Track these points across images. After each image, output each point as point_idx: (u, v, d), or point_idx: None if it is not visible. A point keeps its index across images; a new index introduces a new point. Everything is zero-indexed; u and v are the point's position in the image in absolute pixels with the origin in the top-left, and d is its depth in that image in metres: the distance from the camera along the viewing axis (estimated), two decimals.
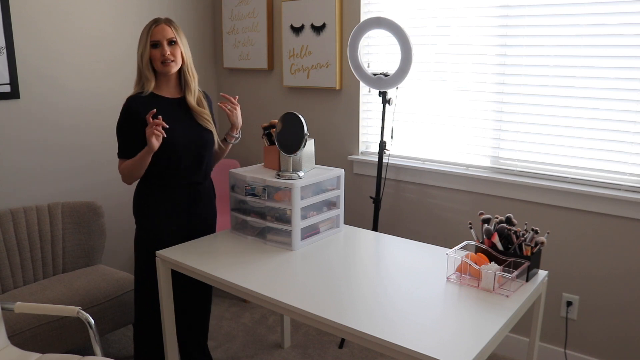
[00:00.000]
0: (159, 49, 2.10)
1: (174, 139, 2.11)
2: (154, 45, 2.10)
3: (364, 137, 3.17)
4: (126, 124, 2.12)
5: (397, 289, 1.79)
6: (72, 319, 2.37)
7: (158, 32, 2.09)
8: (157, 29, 2.10)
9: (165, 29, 2.10)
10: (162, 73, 2.15)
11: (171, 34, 2.11)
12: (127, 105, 2.12)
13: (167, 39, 2.10)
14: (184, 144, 2.14)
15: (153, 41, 2.09)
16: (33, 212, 2.68)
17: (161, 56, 2.09)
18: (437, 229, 2.89)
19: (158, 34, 2.09)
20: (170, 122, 2.11)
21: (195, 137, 2.18)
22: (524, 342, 2.67)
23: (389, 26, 2.53)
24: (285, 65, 3.35)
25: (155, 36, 2.09)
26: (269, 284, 1.83)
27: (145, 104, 2.11)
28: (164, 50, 2.09)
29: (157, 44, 2.10)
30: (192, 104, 2.20)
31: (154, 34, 2.09)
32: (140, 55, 2.12)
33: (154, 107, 2.10)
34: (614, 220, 2.36)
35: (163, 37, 2.09)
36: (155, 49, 2.10)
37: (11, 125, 2.74)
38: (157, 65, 2.12)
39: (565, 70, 2.40)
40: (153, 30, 2.10)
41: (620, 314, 2.40)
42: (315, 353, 2.74)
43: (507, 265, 1.82)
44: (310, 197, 2.20)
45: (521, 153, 2.60)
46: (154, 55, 2.11)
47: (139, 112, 2.09)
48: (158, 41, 2.09)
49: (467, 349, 1.42)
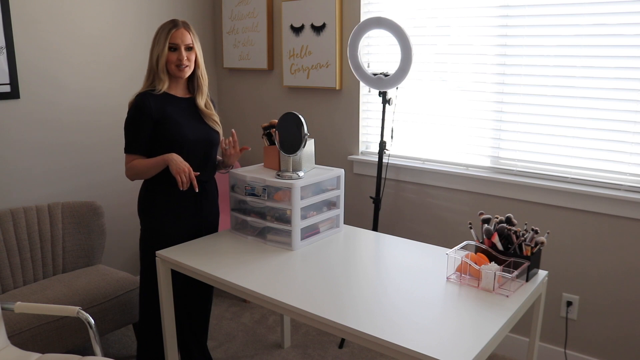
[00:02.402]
0: (176, 53, 2.11)
1: (183, 135, 2.13)
2: (172, 49, 2.11)
3: (364, 137, 3.17)
4: (137, 120, 2.11)
5: (397, 289, 1.79)
6: (72, 319, 2.37)
7: (178, 37, 2.10)
8: (177, 33, 2.11)
9: (185, 34, 2.12)
10: (174, 75, 2.16)
11: (189, 40, 2.13)
12: (139, 101, 2.11)
13: (186, 44, 2.12)
14: (193, 141, 2.16)
15: (172, 44, 2.10)
16: (33, 212, 2.68)
17: (177, 60, 2.11)
18: (437, 229, 2.89)
19: (177, 39, 2.10)
20: (181, 119, 2.14)
21: (203, 136, 2.21)
22: (524, 342, 2.67)
23: (389, 26, 2.53)
24: (285, 65, 3.35)
25: (175, 40, 2.10)
26: (269, 284, 1.83)
27: (157, 101, 2.12)
28: (182, 56, 2.11)
29: (175, 48, 2.11)
30: (201, 106, 2.23)
31: (173, 37, 2.10)
32: (157, 57, 2.12)
33: (166, 104, 2.13)
34: (614, 220, 2.36)
35: (182, 42, 2.11)
36: (172, 52, 2.11)
37: (11, 125, 2.74)
38: (172, 68, 2.13)
39: (565, 70, 2.40)
40: (173, 33, 2.10)
41: (621, 313, 2.40)
42: (315, 353, 2.74)
43: (507, 265, 1.82)
44: (310, 197, 2.20)
45: (521, 153, 2.60)
46: (170, 58, 2.12)
47: (151, 108, 2.10)
48: (177, 45, 2.10)
49: (467, 349, 1.42)
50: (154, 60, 2.13)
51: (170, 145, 2.12)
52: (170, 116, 2.13)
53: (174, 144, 2.12)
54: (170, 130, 2.12)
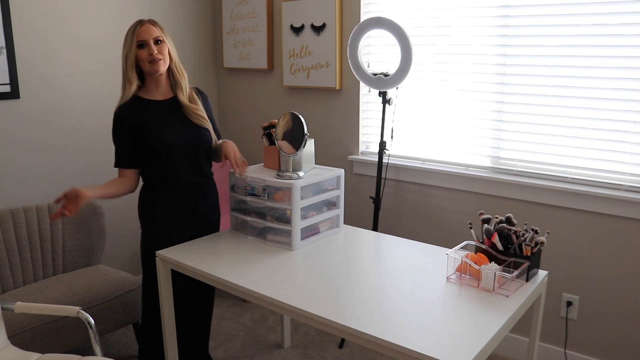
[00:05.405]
0: (145, 49, 2.07)
1: (166, 141, 2.10)
2: (140, 46, 2.07)
3: (364, 137, 3.17)
4: (118, 134, 2.13)
5: (397, 289, 1.79)
6: (72, 319, 2.37)
7: (144, 32, 2.06)
8: (142, 28, 2.07)
9: (151, 28, 2.08)
10: (150, 73, 2.12)
11: (157, 33, 2.09)
12: (116, 116, 2.12)
13: (154, 37, 2.07)
14: (178, 146, 2.13)
15: (139, 41, 2.06)
16: (33, 212, 2.68)
17: (149, 55, 2.06)
18: (437, 229, 2.89)
19: (144, 34, 2.06)
20: (161, 124, 2.11)
21: (189, 137, 2.17)
22: (524, 342, 2.67)
23: (389, 26, 2.53)
24: (285, 65, 3.35)
25: (142, 36, 2.06)
26: (269, 284, 1.83)
27: (133, 110, 2.10)
28: (152, 49, 2.06)
29: (144, 44, 2.06)
30: (184, 101, 2.18)
31: (139, 34, 2.06)
32: (125, 57, 2.08)
33: (141, 111, 2.10)
34: (614, 220, 2.36)
35: (149, 35, 2.06)
36: (141, 50, 2.07)
37: (11, 125, 2.74)
38: (145, 66, 2.09)
39: (565, 70, 2.40)
40: (138, 30, 2.07)
41: (621, 314, 2.40)
42: (315, 353, 2.74)
43: (507, 265, 1.82)
44: (310, 197, 2.20)
45: (521, 153, 2.60)
46: (141, 55, 2.07)
47: (127, 118, 2.09)
48: (144, 40, 2.06)
49: (467, 349, 1.42)
50: (124, 61, 2.09)
51: (154, 154, 2.09)
52: (148, 124, 2.10)
53: (158, 152, 2.10)
54: (150, 138, 2.10)
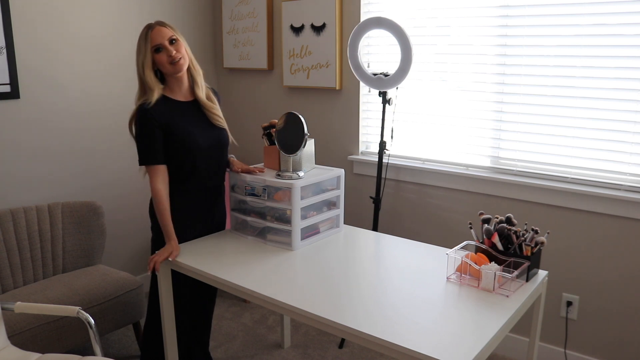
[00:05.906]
0: (163, 52, 2.03)
1: (194, 143, 2.09)
2: (157, 50, 2.03)
3: (364, 137, 3.17)
4: (148, 129, 2.04)
5: (397, 289, 1.79)
6: (72, 319, 2.37)
7: (157, 35, 2.02)
8: (154, 32, 2.03)
9: (162, 30, 2.04)
10: (173, 75, 2.08)
11: (170, 33, 2.05)
12: (143, 112, 2.03)
13: (168, 38, 2.03)
14: (205, 148, 2.13)
15: (155, 46, 2.02)
16: (33, 212, 2.68)
17: (168, 57, 2.03)
18: (437, 229, 2.89)
19: (157, 37, 2.02)
20: (188, 125, 2.09)
21: (214, 140, 2.17)
22: (524, 342, 2.67)
23: (389, 26, 2.53)
24: (285, 65, 3.35)
25: (156, 40, 2.02)
26: (269, 284, 1.83)
27: (160, 110, 2.05)
28: (170, 51, 2.02)
29: (160, 47, 2.02)
30: (202, 99, 2.16)
31: (153, 39, 2.02)
32: (141, 64, 2.03)
33: (170, 112, 2.07)
34: (614, 220, 2.36)
35: (163, 38, 2.03)
36: (159, 54, 2.03)
37: (11, 125, 2.74)
38: (167, 68, 2.05)
39: (565, 70, 2.40)
40: (150, 35, 2.02)
41: (621, 313, 2.40)
42: (315, 353, 2.74)
43: (507, 265, 1.82)
44: (310, 197, 2.20)
45: (521, 153, 2.60)
46: (160, 60, 2.03)
47: (156, 118, 2.04)
48: (160, 44, 2.02)
49: (467, 349, 1.42)
50: (140, 69, 2.04)
51: (183, 155, 2.06)
52: (177, 125, 2.07)
53: (188, 152, 2.08)
54: (180, 139, 2.07)
